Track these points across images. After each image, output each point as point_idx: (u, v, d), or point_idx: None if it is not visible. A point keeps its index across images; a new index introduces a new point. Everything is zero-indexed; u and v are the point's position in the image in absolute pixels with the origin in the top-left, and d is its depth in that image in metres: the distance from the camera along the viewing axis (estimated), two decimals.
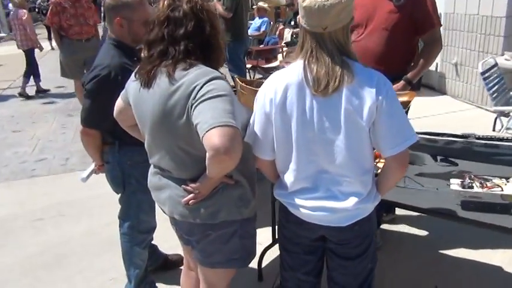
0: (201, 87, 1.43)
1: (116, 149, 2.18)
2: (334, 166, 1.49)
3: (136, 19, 2.04)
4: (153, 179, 1.76)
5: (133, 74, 1.68)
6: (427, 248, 2.86)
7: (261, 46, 6.93)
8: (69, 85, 6.86)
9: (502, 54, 4.85)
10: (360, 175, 1.49)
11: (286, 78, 1.48)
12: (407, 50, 2.64)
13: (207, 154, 1.36)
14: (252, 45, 6.78)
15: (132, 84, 1.65)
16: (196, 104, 1.42)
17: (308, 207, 1.54)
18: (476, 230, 2.27)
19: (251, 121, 1.59)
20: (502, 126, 4.13)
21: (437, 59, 6.08)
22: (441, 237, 2.93)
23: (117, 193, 2.31)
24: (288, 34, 6.31)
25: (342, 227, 1.53)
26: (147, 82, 1.56)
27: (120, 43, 2.09)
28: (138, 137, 1.90)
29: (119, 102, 1.79)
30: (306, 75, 1.45)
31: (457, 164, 2.20)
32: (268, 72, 6.39)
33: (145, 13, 2.06)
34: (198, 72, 1.48)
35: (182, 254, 2.16)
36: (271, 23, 8.40)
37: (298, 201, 1.55)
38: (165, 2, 1.56)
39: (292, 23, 7.22)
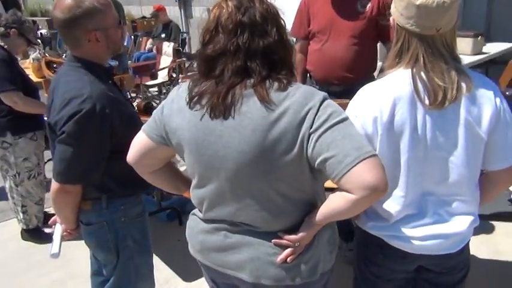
0: (317, 111, 1.13)
1: (104, 205, 1.66)
2: (443, 186, 1.33)
3: (111, 24, 1.59)
4: (210, 238, 1.35)
5: (178, 100, 1.27)
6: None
7: (137, 62, 6.36)
8: None
9: None
10: (474, 192, 1.37)
11: (392, 92, 1.28)
12: (373, 57, 2.66)
13: (355, 194, 1.09)
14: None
15: (183, 115, 1.24)
16: (320, 133, 1.11)
17: (417, 238, 1.35)
18: None
19: None
20: None
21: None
22: None
23: (104, 263, 1.76)
24: (168, 48, 5.90)
25: (451, 254, 1.39)
26: (224, 111, 1.18)
27: (91, 65, 1.60)
28: (161, 185, 1.47)
29: (143, 142, 1.35)
30: (416, 87, 1.26)
31: None
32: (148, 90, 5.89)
33: (114, 11, 1.63)
34: (302, 92, 1.17)
35: None
36: (132, 37, 7.83)
37: (406, 231, 1.36)
38: (230, 3, 1.20)
39: (163, 35, 6.81)
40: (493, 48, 4.46)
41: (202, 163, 1.26)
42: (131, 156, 1.40)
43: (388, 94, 1.28)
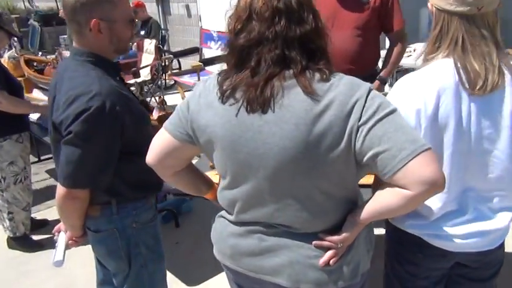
0: (365, 102, 1.05)
1: (114, 211, 1.53)
2: (484, 181, 1.28)
3: (119, 18, 1.46)
4: (243, 242, 1.25)
5: (206, 95, 1.17)
6: None
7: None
8: None
9: None
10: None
11: (436, 83, 1.20)
12: (375, 49, 2.61)
13: (412, 190, 1.01)
14: None
15: (214, 111, 1.14)
16: (370, 126, 1.03)
17: (459, 236, 1.29)
18: None
19: None
20: None
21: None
22: None
23: (115, 272, 1.63)
24: (149, 45, 5.71)
25: (491, 250, 1.34)
26: (262, 104, 1.08)
27: (99, 58, 1.47)
28: (183, 187, 1.37)
29: (166, 141, 1.25)
30: (460, 75, 1.20)
31: None
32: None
33: (129, 8, 1.51)
34: (347, 82, 1.09)
35: None
36: None
37: (447, 230, 1.29)
38: None
39: (143, 32, 6.61)
40: None
41: (237, 162, 1.16)
42: (153, 157, 1.28)
43: (432, 85, 1.21)
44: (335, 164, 1.08)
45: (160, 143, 1.28)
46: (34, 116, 3.38)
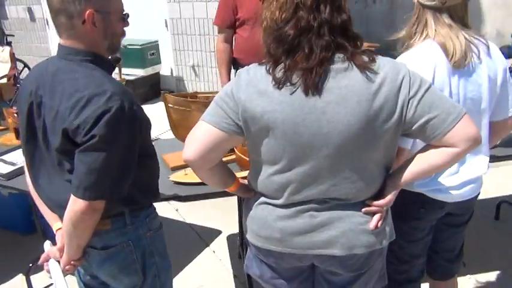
0: (410, 78, 1.20)
1: (128, 221, 1.43)
2: None
3: (113, 11, 1.36)
4: (293, 222, 1.31)
5: (255, 84, 1.22)
6: None
7: None
8: None
9: None
10: (487, 137, 1.58)
11: (431, 59, 1.46)
12: None
13: (460, 147, 1.20)
14: None
15: (270, 98, 1.19)
16: (419, 97, 1.19)
17: (455, 187, 1.56)
18: None
19: None
20: None
21: (171, 64, 6.34)
22: None
23: (125, 286, 1.49)
24: (2, 53, 4.96)
25: (475, 196, 1.63)
26: (320, 86, 1.17)
27: (97, 57, 1.35)
28: (214, 181, 1.42)
29: (211, 134, 1.26)
30: (445, 51, 1.46)
31: None
32: None
33: (121, 1, 1.41)
34: (389, 61, 1.24)
35: None
36: None
37: (445, 183, 1.55)
38: None
39: None
40: None
41: (298, 144, 1.20)
42: (195, 151, 1.24)
43: (429, 61, 1.44)
44: (386, 134, 1.21)
45: (203, 136, 1.25)
46: None
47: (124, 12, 1.38)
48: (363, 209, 1.30)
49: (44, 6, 6.87)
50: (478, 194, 1.65)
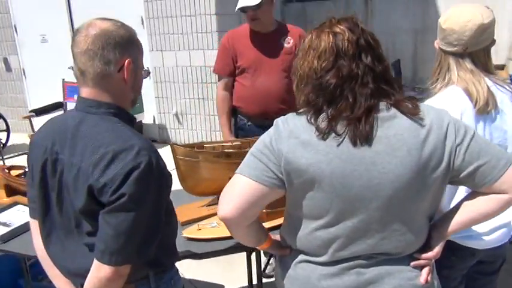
0: (454, 124, 1.18)
1: (153, 285, 1.32)
2: None
3: (140, 65, 1.33)
4: (339, 281, 1.23)
5: (298, 135, 1.16)
6: None
7: None
8: None
9: None
10: None
11: (459, 105, 1.46)
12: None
13: (508, 195, 1.16)
14: None
15: (314, 149, 1.14)
16: (466, 145, 1.16)
17: (485, 233, 1.53)
18: None
19: None
20: None
21: (154, 112, 6.26)
22: None
23: None
24: None
25: (506, 243, 1.59)
26: (368, 136, 1.13)
27: (120, 110, 1.29)
28: (248, 239, 1.36)
29: (251, 189, 1.20)
30: (471, 98, 1.46)
31: None
32: None
33: None
34: (432, 109, 1.22)
35: None
36: None
37: (475, 229, 1.51)
38: (342, 27, 1.18)
39: None
40: None
41: (347, 197, 1.14)
42: (234, 208, 1.16)
43: (456, 107, 1.44)
44: (435, 183, 1.17)
45: (242, 192, 1.17)
46: None
47: (145, 68, 1.34)
48: (412, 263, 1.23)
49: (21, 56, 6.77)
50: (510, 239, 1.61)
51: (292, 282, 1.28)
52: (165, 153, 1.58)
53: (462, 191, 1.41)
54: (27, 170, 1.57)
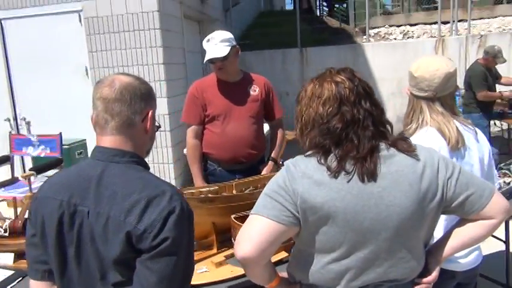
0: (443, 160, 1.35)
1: None
2: None
3: (155, 118, 1.40)
4: None
5: (310, 175, 1.27)
6: None
7: None
8: None
9: None
10: None
11: (436, 143, 1.64)
12: (264, 135, 2.93)
13: (497, 218, 1.33)
14: None
15: (328, 187, 1.25)
16: (456, 177, 1.33)
17: (462, 256, 1.69)
18: None
19: None
20: None
21: None
22: None
23: None
24: None
25: (479, 265, 1.76)
26: (374, 173, 1.26)
27: (140, 159, 1.34)
28: (262, 277, 1.43)
29: (270, 228, 1.28)
30: (444, 137, 1.67)
31: None
32: None
33: None
34: (422, 147, 1.38)
35: None
36: None
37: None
38: (343, 77, 1.33)
39: None
40: None
41: (359, 230, 1.25)
42: (253, 248, 1.23)
43: (433, 146, 1.61)
44: (431, 213, 1.31)
45: (261, 231, 1.24)
46: None
47: (157, 122, 1.40)
48: (416, 287, 1.34)
49: None
50: (482, 261, 1.79)
51: None
52: None
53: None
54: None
